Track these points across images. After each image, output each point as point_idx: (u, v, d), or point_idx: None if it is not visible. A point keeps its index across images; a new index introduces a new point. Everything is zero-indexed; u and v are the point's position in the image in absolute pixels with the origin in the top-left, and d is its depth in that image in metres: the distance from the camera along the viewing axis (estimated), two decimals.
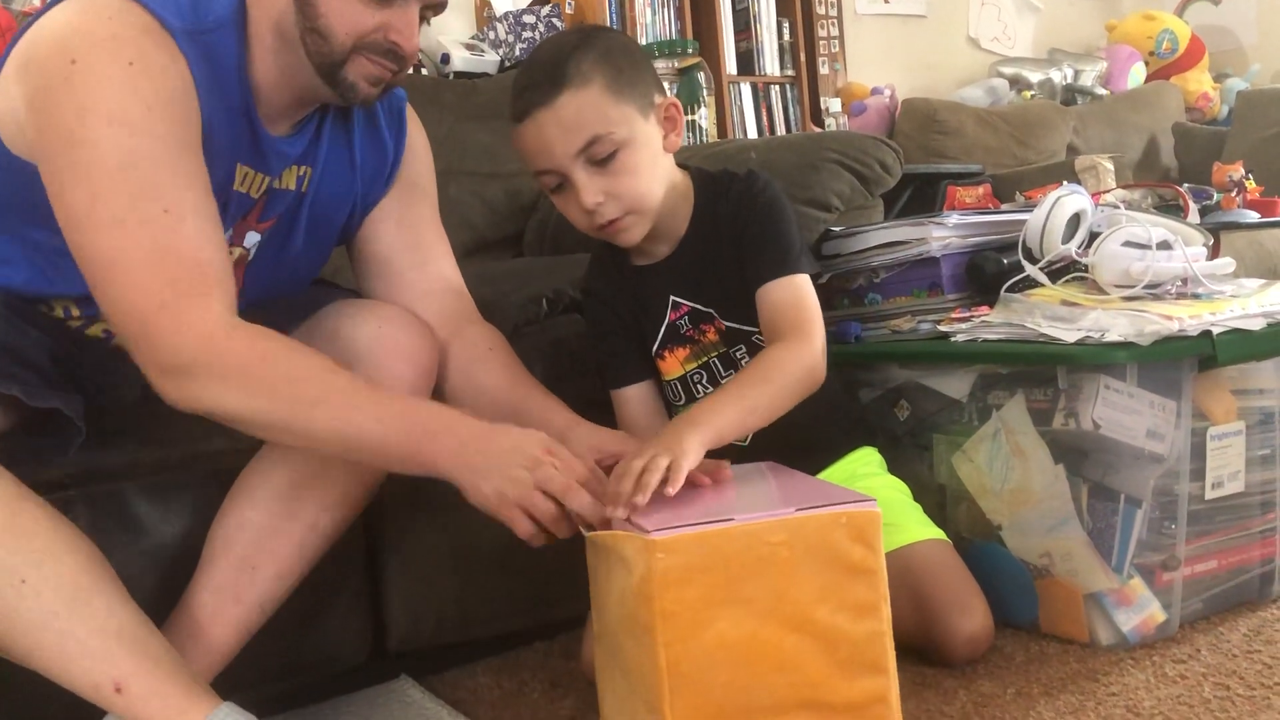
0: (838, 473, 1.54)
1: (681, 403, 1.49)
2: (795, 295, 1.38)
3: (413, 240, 1.37)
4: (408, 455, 1.08)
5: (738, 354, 1.46)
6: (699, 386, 1.49)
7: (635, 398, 1.49)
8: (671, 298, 1.47)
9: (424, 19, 1.22)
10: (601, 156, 1.31)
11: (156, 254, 1.04)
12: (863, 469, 1.55)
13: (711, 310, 1.46)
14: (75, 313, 1.25)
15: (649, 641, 0.98)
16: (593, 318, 1.53)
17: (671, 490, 1.09)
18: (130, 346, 1.07)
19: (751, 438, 1.39)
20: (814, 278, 1.43)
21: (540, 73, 1.32)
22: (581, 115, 1.29)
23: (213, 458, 1.31)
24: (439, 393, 1.31)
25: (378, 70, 1.19)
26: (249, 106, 1.19)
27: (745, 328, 1.45)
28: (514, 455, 1.06)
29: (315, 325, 1.28)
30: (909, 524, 1.47)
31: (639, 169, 1.34)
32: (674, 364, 1.49)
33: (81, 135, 1.05)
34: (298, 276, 1.36)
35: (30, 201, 1.14)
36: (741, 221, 1.42)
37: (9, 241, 1.20)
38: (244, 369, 1.05)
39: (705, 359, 1.48)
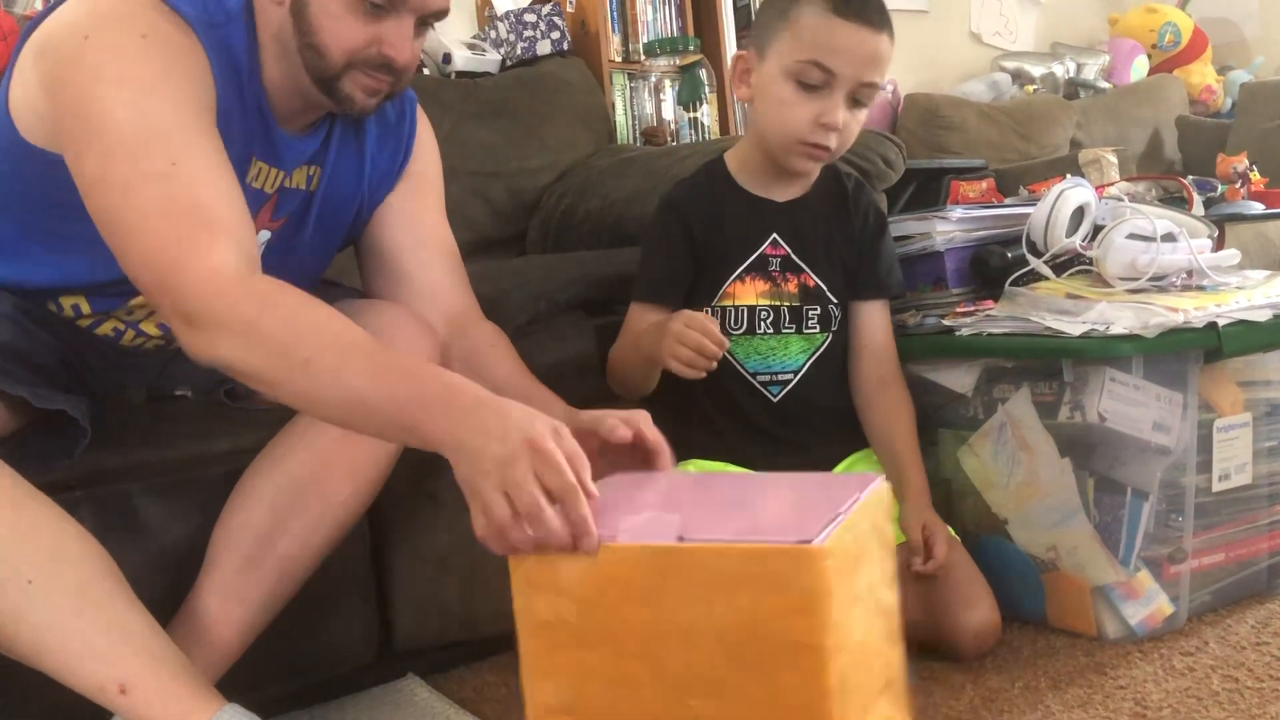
0: (845, 470, 1.54)
1: (740, 330, 1.51)
2: (889, 322, 1.59)
3: (419, 238, 1.38)
4: (406, 426, 0.95)
5: (810, 312, 1.53)
6: (761, 322, 1.51)
7: (655, 319, 1.48)
8: (774, 235, 1.53)
9: (427, 25, 1.22)
10: (863, 98, 1.43)
11: (166, 206, 1.03)
12: (870, 466, 1.56)
13: (804, 265, 1.53)
14: (86, 309, 1.26)
15: (811, 664, 0.81)
16: (662, 227, 1.55)
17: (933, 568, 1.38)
18: (154, 305, 1.06)
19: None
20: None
21: (880, 6, 1.43)
22: (885, 61, 1.43)
23: (217, 459, 1.31)
24: None
25: (373, 83, 1.20)
26: (261, 102, 1.20)
27: (827, 293, 1.54)
28: (513, 432, 0.89)
29: None
30: None
31: (860, 126, 1.48)
32: (749, 292, 1.52)
33: (93, 102, 1.06)
34: (304, 276, 1.36)
35: (46, 193, 1.15)
36: (869, 224, 1.58)
37: (28, 236, 1.21)
38: (246, 319, 1.00)
39: (779, 304, 1.53)
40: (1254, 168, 2.88)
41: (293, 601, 1.25)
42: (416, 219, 1.38)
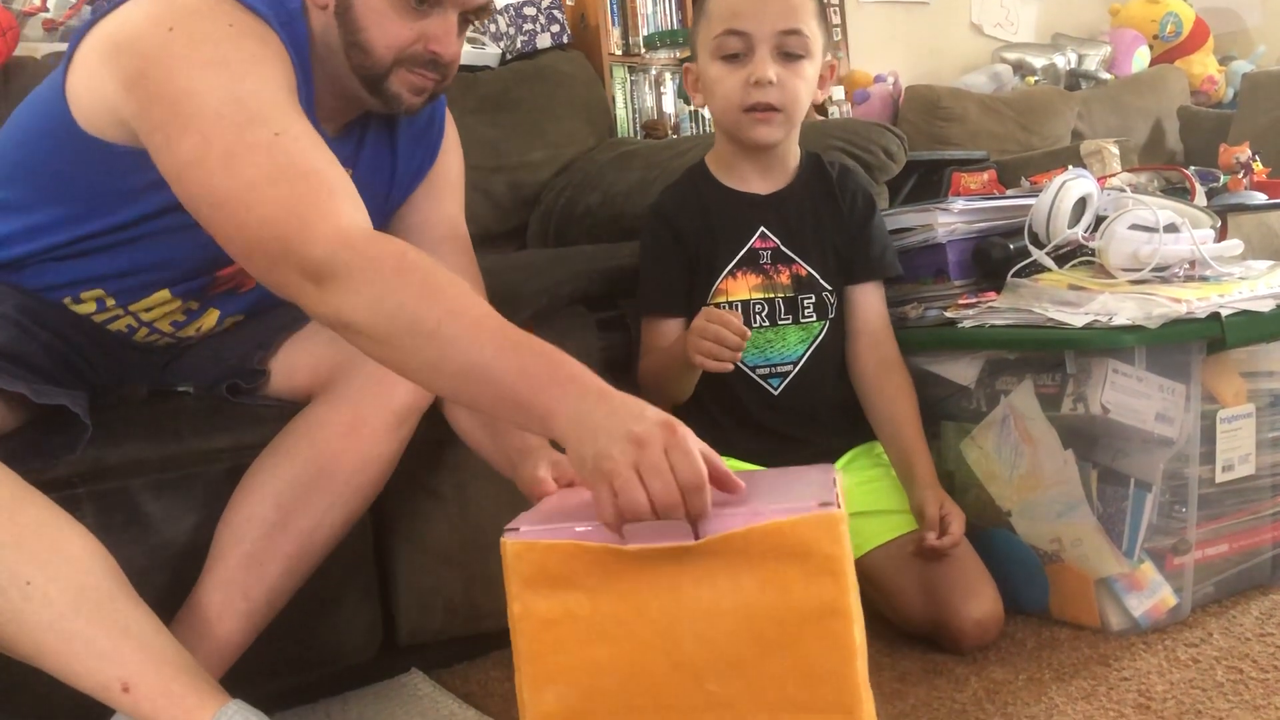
0: (846, 463, 1.55)
1: None
2: (885, 304, 1.59)
3: (435, 237, 1.37)
4: (524, 401, 0.91)
5: (805, 301, 1.54)
6: (757, 316, 1.52)
7: (672, 333, 1.52)
8: (761, 228, 1.55)
9: (469, 23, 1.23)
10: (792, 50, 1.45)
11: (278, 172, 1.01)
12: (868, 461, 1.56)
13: (794, 255, 1.54)
14: (110, 302, 1.26)
15: (838, 629, 0.83)
16: (653, 238, 1.57)
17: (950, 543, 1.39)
18: (270, 274, 1.01)
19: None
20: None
21: None
22: (802, 8, 1.46)
23: (220, 455, 1.31)
24: None
25: (420, 81, 1.21)
26: (310, 103, 1.20)
27: (821, 281, 1.55)
28: (650, 414, 0.86)
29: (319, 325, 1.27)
30: None
31: (805, 82, 1.48)
32: (742, 286, 1.53)
33: (185, 86, 1.05)
34: None
35: (93, 183, 1.16)
36: (857, 208, 1.58)
37: (62, 227, 1.21)
38: (382, 274, 0.96)
39: (773, 296, 1.54)
40: (1256, 158, 2.87)
41: (296, 597, 1.25)
42: (434, 219, 1.38)
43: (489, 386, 0.93)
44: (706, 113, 3.67)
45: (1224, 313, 1.37)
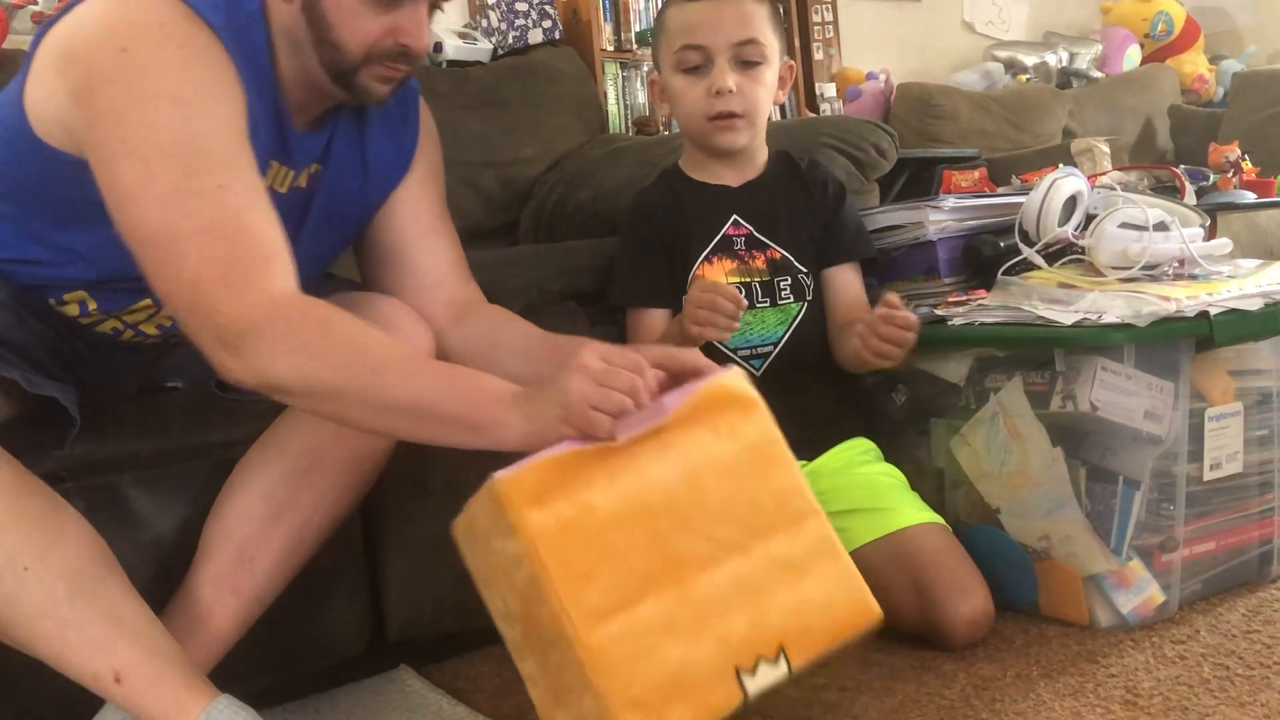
0: (833, 460, 1.55)
1: None
2: (862, 285, 1.62)
3: (424, 228, 1.37)
4: (473, 421, 1.02)
5: (781, 284, 1.58)
6: None
7: (657, 324, 1.57)
8: (734, 216, 1.59)
9: (436, 8, 1.22)
10: (749, 59, 1.51)
11: (215, 225, 1.02)
12: (858, 457, 1.56)
13: (768, 240, 1.58)
14: (92, 306, 1.24)
15: (778, 452, 1.06)
16: (632, 230, 1.62)
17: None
18: (187, 321, 1.04)
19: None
20: None
21: None
22: (754, 18, 1.52)
23: (209, 450, 1.31)
24: None
25: (390, 73, 1.20)
26: (278, 102, 1.19)
27: (795, 263, 1.58)
28: (566, 384, 0.98)
29: None
30: (905, 508, 1.48)
31: (765, 88, 1.54)
32: (717, 272, 1.57)
33: (134, 115, 1.04)
34: (305, 274, 1.35)
35: (59, 194, 1.14)
36: (829, 194, 1.62)
37: (31, 234, 1.19)
38: (308, 335, 1.01)
39: (749, 280, 1.57)
40: (1246, 157, 2.88)
41: (285, 592, 1.25)
42: (422, 210, 1.37)
43: (437, 418, 1.03)
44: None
45: (1212, 311, 1.37)
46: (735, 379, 1.04)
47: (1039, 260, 1.55)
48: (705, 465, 1.01)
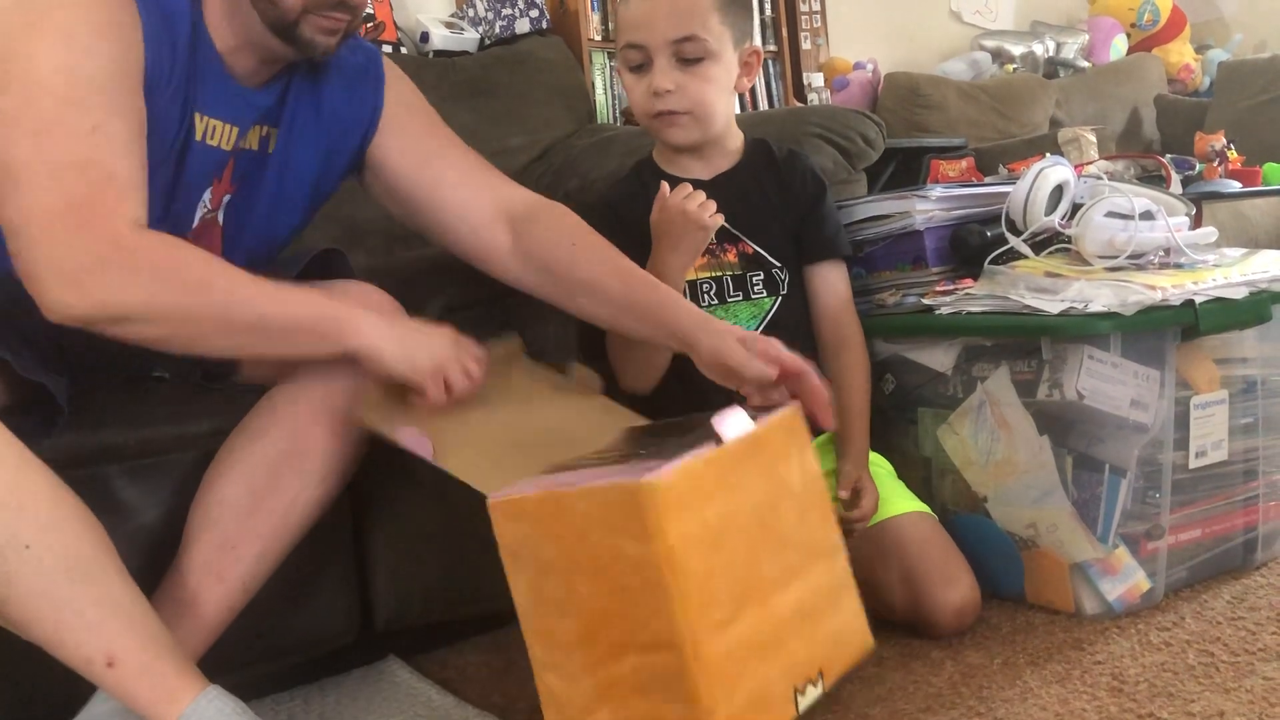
0: (818, 451, 1.55)
1: None
2: (845, 283, 1.61)
3: (420, 160, 1.35)
4: (323, 330, 1.12)
5: (754, 278, 1.56)
6: (705, 295, 1.54)
7: None
8: None
9: None
10: (689, 56, 1.47)
11: (79, 164, 1.03)
12: (826, 452, 1.56)
13: (740, 233, 1.55)
14: None
15: (822, 486, 1.13)
16: (601, 225, 1.53)
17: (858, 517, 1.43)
18: (28, 255, 1.04)
19: None
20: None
21: None
22: (692, 11, 1.46)
23: (195, 440, 1.30)
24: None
25: (330, 23, 1.19)
26: (212, 59, 1.18)
27: (769, 258, 1.56)
28: (432, 336, 1.13)
29: None
30: (892, 497, 1.48)
31: (713, 82, 1.49)
32: None
33: (22, 49, 1.05)
34: (268, 238, 1.34)
35: None
36: (807, 189, 1.60)
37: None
38: (152, 264, 1.05)
39: (720, 274, 1.55)
40: (1231, 146, 2.89)
41: (273, 582, 1.24)
42: (410, 146, 1.35)
43: (286, 331, 1.11)
44: None
45: (1198, 300, 1.38)
46: (789, 416, 1.10)
47: (1026, 249, 1.55)
48: (781, 489, 1.05)
